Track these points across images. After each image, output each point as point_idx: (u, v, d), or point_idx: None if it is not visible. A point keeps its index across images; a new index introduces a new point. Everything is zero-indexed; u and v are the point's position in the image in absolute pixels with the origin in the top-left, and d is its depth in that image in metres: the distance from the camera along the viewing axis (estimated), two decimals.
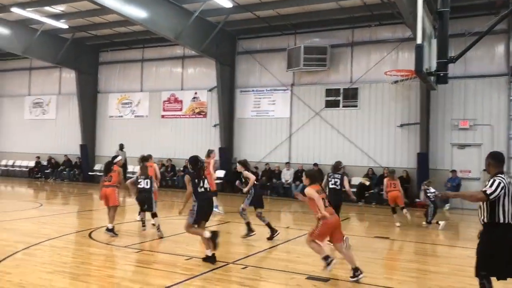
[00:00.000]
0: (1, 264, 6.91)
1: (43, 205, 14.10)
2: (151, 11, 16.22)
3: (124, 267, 7.02)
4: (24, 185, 21.24)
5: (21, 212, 12.71)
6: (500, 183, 4.88)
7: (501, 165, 5.12)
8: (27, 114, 25.82)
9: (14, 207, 13.66)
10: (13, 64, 26.31)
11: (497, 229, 4.91)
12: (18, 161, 25.46)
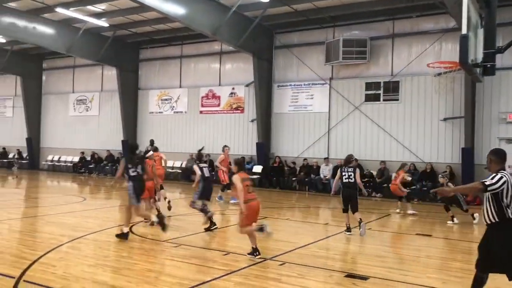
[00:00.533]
0: (46, 256, 7.15)
1: (86, 200, 14.53)
2: (189, 8, 16.35)
3: (163, 261, 7.11)
4: (68, 180, 21.99)
5: (65, 206, 13.14)
6: (502, 177, 4.83)
7: (503, 161, 5.06)
8: (71, 111, 26.70)
9: (59, 201, 14.15)
10: (58, 63, 27.25)
11: (506, 226, 4.86)
12: (63, 156, 26.40)
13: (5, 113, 29.55)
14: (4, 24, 18.69)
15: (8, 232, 9.27)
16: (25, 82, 26.82)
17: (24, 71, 26.69)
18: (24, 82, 26.81)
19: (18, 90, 28.21)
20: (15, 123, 28.67)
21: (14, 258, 7.07)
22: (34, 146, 27.25)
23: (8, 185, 19.87)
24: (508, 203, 4.86)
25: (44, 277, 6.04)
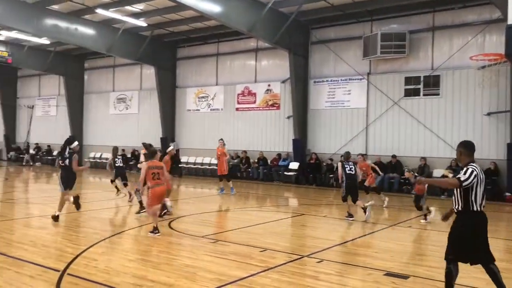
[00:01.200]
0: (88, 251, 7.36)
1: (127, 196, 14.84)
2: (225, 6, 16.43)
3: (201, 257, 7.17)
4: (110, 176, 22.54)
5: (107, 202, 13.50)
6: (473, 171, 4.97)
7: (472, 154, 5.19)
8: (112, 109, 27.41)
9: (101, 197, 14.57)
10: (99, 63, 28.02)
11: (470, 216, 5.05)
12: (104, 153, 27.11)
13: (50, 112, 30.68)
14: (48, 26, 19.36)
15: (52, 227, 9.60)
16: (68, 82, 27.75)
17: (67, 71, 27.62)
18: (67, 81, 27.75)
19: (61, 90, 29.22)
20: (58, 121, 29.70)
21: (58, 252, 7.32)
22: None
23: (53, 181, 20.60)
24: (476, 194, 5.02)
25: (87, 271, 6.21)
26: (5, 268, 6.29)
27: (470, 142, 5.31)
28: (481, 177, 5.06)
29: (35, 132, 30.98)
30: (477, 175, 5.00)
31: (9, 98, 32.18)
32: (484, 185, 5.10)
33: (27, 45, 25.74)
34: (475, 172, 4.99)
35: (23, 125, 31.95)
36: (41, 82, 31.47)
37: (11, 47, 25.33)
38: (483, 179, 5.08)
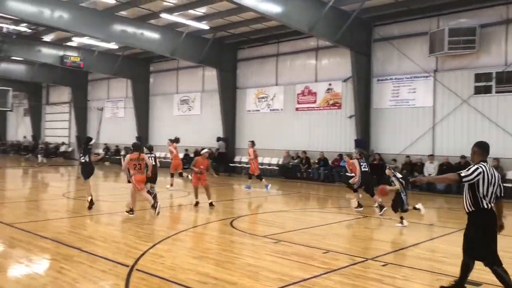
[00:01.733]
0: (155, 247, 7.65)
1: (190, 194, 15.24)
2: (285, 6, 16.43)
3: (263, 257, 7.23)
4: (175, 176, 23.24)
5: (170, 200, 13.93)
6: (478, 168, 5.11)
7: (485, 154, 5.31)
8: (175, 111, 28.29)
9: (165, 196, 15.05)
10: (163, 66, 29.02)
11: (481, 215, 5.17)
12: (169, 153, 27.99)
13: (118, 113, 32.21)
14: (117, 32, 20.31)
15: (121, 224, 10.06)
16: (134, 85, 29.02)
17: (133, 74, 28.88)
18: (134, 84, 29.01)
19: (128, 92, 30.58)
20: (126, 122, 31.07)
21: (127, 248, 7.66)
22: (143, 143, 29.24)
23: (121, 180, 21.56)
24: (483, 193, 5.13)
25: (154, 267, 6.46)
26: (80, 262, 6.68)
27: (485, 142, 5.42)
28: (489, 176, 5.13)
29: (104, 132, 32.62)
30: (481, 173, 5.10)
31: (80, 100, 34.17)
32: (495, 185, 5.17)
33: (97, 50, 27.18)
34: (479, 170, 5.12)
35: (93, 126, 33.74)
36: (110, 85, 33.10)
37: (83, 53, 26.81)
38: (492, 178, 5.15)
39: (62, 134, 36.93)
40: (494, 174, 5.23)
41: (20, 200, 12.76)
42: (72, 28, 19.67)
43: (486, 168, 5.18)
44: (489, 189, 5.14)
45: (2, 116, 40.43)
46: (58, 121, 37.56)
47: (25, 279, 5.91)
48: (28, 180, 20.47)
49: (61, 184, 14.03)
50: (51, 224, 9.76)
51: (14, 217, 10.34)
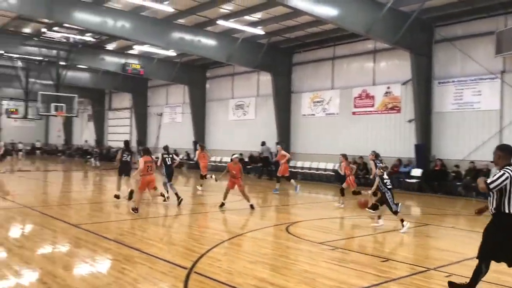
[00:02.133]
0: (212, 251, 7.75)
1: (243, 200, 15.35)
2: (341, 8, 16.24)
3: (319, 264, 7.14)
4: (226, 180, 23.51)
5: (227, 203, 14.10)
6: (504, 174, 5.10)
7: (510, 157, 5.27)
8: (231, 116, 28.68)
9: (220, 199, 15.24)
10: (219, 71, 29.55)
11: (503, 218, 5.17)
12: (224, 157, 28.40)
13: (176, 118, 33.14)
14: (175, 39, 20.93)
15: (179, 226, 10.31)
16: (191, 90, 29.77)
17: (190, 81, 29.63)
18: (191, 90, 29.77)
19: (186, 98, 31.39)
20: (183, 127, 31.89)
21: (185, 251, 7.83)
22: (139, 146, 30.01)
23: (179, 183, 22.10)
24: (509, 197, 5.11)
25: (211, 270, 6.55)
26: (140, 263, 6.90)
27: (508, 145, 5.44)
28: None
29: (163, 137, 33.66)
30: (508, 177, 5.09)
31: (140, 106, 35.52)
32: None
33: (156, 58, 28.16)
34: (506, 175, 5.11)
35: (153, 131, 34.92)
36: (168, 91, 34.14)
37: (143, 60, 27.87)
38: None
39: (124, 139, 38.37)
40: None
41: (84, 202, 13.41)
42: (133, 37, 20.51)
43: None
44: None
45: (68, 122, 42.73)
46: (120, 126, 39.24)
47: (90, 278, 6.18)
48: (90, 182, 21.45)
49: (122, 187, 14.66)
50: (113, 225, 10.17)
51: (80, 218, 10.87)
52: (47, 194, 16.29)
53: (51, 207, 12.39)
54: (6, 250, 7.59)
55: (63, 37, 25.32)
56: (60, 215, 11.01)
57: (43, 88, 31.40)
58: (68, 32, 24.49)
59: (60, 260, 7.07)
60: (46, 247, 8.02)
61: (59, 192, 17.15)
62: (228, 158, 27.58)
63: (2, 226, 9.78)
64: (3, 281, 5.93)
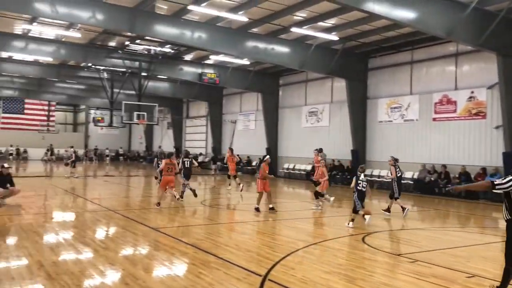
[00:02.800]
0: (286, 259, 7.71)
1: (319, 207, 15.17)
2: (420, 11, 15.62)
3: (398, 276, 6.84)
4: (302, 187, 23.48)
5: (300, 212, 14.02)
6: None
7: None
8: (304, 122, 28.55)
9: (295, 207, 15.20)
10: (292, 78, 29.60)
11: None
12: (297, 164, 28.37)
13: (249, 125, 33.63)
14: (249, 48, 21.28)
15: (253, 233, 10.39)
16: (264, 98, 30.08)
17: (264, 88, 29.97)
18: (264, 97, 30.09)
19: (259, 105, 31.76)
20: (257, 134, 32.29)
21: (259, 258, 7.86)
22: (272, 155, 30.10)
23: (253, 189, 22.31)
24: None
25: (285, 279, 6.51)
26: (216, 268, 7.02)
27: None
28: None
29: (237, 144, 34.20)
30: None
31: (216, 114, 36.54)
32: None
33: (231, 67, 28.83)
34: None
35: (227, 138, 35.70)
36: (242, 99, 34.77)
37: (218, 69, 28.66)
38: None
39: (200, 145, 39.78)
40: None
41: (163, 206, 13.95)
42: (209, 47, 21.13)
43: None
44: None
45: (149, 129, 44.89)
46: (197, 133, 40.59)
47: (168, 280, 6.39)
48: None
49: (198, 193, 15.14)
50: (190, 230, 10.47)
51: (159, 222, 11.33)
52: (129, 198, 17.17)
53: (133, 211, 13.04)
54: (93, 251, 8.08)
55: (145, 49, 26.73)
56: (141, 219, 11.54)
57: (126, 97, 33.32)
58: (149, 45, 25.82)
59: (140, 262, 7.39)
60: (128, 249, 8.43)
61: (141, 196, 18.01)
62: (302, 166, 27.90)
63: (90, 228, 10.44)
64: (89, 280, 6.30)
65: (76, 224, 11.00)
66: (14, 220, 10.99)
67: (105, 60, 26.74)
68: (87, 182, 23.35)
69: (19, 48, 23.86)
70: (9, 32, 23.59)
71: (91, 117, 45.58)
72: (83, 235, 9.46)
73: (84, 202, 15.27)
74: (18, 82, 36.79)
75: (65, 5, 16.68)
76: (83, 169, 32.29)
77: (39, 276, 6.40)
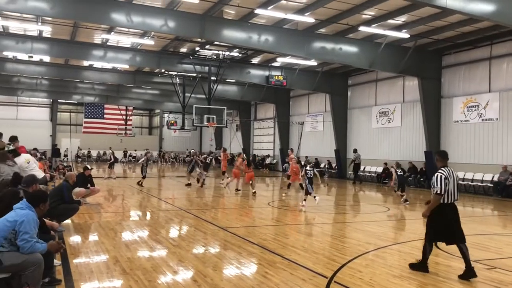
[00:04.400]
0: (353, 261, 7.58)
1: (390, 210, 14.75)
2: (499, 3, 14.67)
3: (474, 284, 6.48)
4: (373, 190, 22.89)
5: (370, 214, 13.69)
6: (440, 175, 6.70)
7: (445, 160, 6.98)
8: (374, 123, 27.81)
9: (365, 210, 14.87)
10: (361, 78, 28.97)
11: (444, 208, 6.76)
12: (367, 167, 27.69)
13: (317, 127, 33.34)
14: (316, 49, 21.13)
15: (320, 235, 10.30)
16: (333, 99, 29.68)
17: (332, 89, 29.59)
18: (332, 98, 29.68)
19: (327, 106, 31.40)
20: (325, 136, 31.96)
21: (326, 260, 7.78)
22: (341, 157, 29.68)
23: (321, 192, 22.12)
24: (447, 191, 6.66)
25: (352, 281, 6.40)
26: (282, 269, 7.06)
27: (444, 151, 7.19)
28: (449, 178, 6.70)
29: (304, 146, 34.17)
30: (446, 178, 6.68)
31: (283, 116, 36.61)
32: (454, 182, 6.76)
33: (298, 68, 28.79)
34: (442, 176, 6.69)
35: (295, 140, 35.66)
36: (310, 100, 34.57)
37: (285, 71, 28.74)
38: (451, 178, 6.73)
39: (267, 147, 40.10)
40: (452, 173, 6.84)
41: (233, 206, 14.23)
42: (276, 50, 21.26)
43: (446, 172, 6.78)
44: (451, 187, 6.76)
45: (218, 132, 46.03)
46: (264, 135, 40.98)
47: (235, 279, 6.52)
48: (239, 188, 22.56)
49: (266, 194, 15.32)
50: (257, 230, 10.59)
51: (227, 222, 11.57)
52: (201, 198, 17.68)
53: (203, 211, 13.42)
54: (166, 248, 8.43)
55: (214, 54, 27.42)
56: (210, 218, 11.86)
57: (197, 101, 34.40)
58: (218, 50, 26.47)
59: (209, 260, 7.60)
60: (198, 248, 8.69)
61: (211, 197, 18.49)
62: (373, 168, 27.17)
63: (163, 226, 10.89)
64: (161, 276, 6.59)
65: (150, 222, 11.52)
66: (94, 218, 11.73)
67: (177, 66, 27.76)
68: (162, 183, 24.34)
69: (99, 56, 25.46)
70: (90, 42, 25.29)
71: (165, 120, 47.53)
72: (156, 233, 9.90)
73: (158, 202, 15.95)
74: (98, 89, 39.36)
75: (139, 15, 17.56)
76: (158, 170, 33.71)
77: (115, 271, 6.79)
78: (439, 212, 6.75)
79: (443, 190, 6.61)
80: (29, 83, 36.74)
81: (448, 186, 6.65)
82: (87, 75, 32.91)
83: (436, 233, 6.85)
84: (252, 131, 43.44)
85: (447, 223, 6.75)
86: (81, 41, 24.77)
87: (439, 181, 6.64)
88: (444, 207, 6.73)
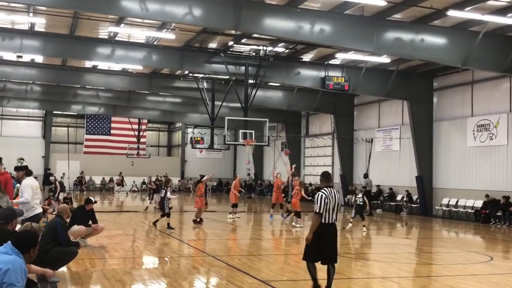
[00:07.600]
0: None
1: (493, 259, 14.32)
2: None
3: None
4: (469, 231, 22.28)
5: (465, 266, 13.32)
6: (321, 195, 8.84)
7: (328, 180, 9.53)
8: (470, 141, 27.08)
9: (457, 259, 14.48)
10: (452, 80, 28.44)
11: (322, 228, 8.80)
12: (462, 199, 26.98)
13: (391, 146, 32.79)
14: (389, 41, 21.01)
15: None
16: (412, 108, 29.17)
17: (411, 94, 29.16)
18: (412, 107, 29.18)
19: (405, 118, 30.97)
20: (402, 158, 31.44)
21: None
22: (425, 186, 28.96)
23: (397, 234, 21.75)
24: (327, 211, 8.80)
25: None
26: None
27: (327, 172, 9.81)
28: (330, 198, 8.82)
29: (374, 170, 33.67)
30: (326, 198, 8.79)
31: (345, 131, 36.13)
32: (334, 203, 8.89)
33: (364, 67, 28.62)
34: (323, 196, 8.80)
35: (361, 162, 35.24)
36: (381, 110, 34.21)
37: (347, 72, 28.58)
38: (333, 199, 8.85)
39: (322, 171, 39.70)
40: (333, 194, 8.94)
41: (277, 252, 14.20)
42: (335, 43, 21.35)
43: (327, 192, 8.89)
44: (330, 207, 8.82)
45: (258, 152, 46.05)
46: (319, 157, 40.69)
47: None
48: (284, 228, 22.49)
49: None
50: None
51: (270, 273, 11.54)
52: (234, 241, 17.75)
53: (238, 257, 13.44)
54: None
55: (252, 51, 27.71)
56: (247, 268, 11.86)
57: (229, 112, 34.84)
58: (257, 44, 26.74)
59: None
60: None
61: (248, 239, 18.51)
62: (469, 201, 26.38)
63: (185, 278, 10.99)
64: None
65: (168, 272, 11.65)
66: (97, 265, 11.98)
67: (204, 66, 28.26)
68: (183, 219, 24.60)
69: (105, 55, 26.26)
70: (94, 37, 26.10)
71: (188, 137, 48.15)
72: (176, 286, 9.98)
73: (179, 245, 16.13)
74: (103, 97, 40.43)
75: (156, 1, 18.03)
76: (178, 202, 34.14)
77: None
78: (318, 231, 8.69)
79: (321, 209, 8.64)
80: (17, 90, 38.27)
81: (328, 206, 8.69)
82: (89, 80, 34.01)
83: (310, 252, 8.83)
84: (303, 150, 43.34)
85: (323, 242, 8.71)
86: (83, 35, 25.64)
87: (319, 200, 8.70)
88: (323, 226, 8.72)
